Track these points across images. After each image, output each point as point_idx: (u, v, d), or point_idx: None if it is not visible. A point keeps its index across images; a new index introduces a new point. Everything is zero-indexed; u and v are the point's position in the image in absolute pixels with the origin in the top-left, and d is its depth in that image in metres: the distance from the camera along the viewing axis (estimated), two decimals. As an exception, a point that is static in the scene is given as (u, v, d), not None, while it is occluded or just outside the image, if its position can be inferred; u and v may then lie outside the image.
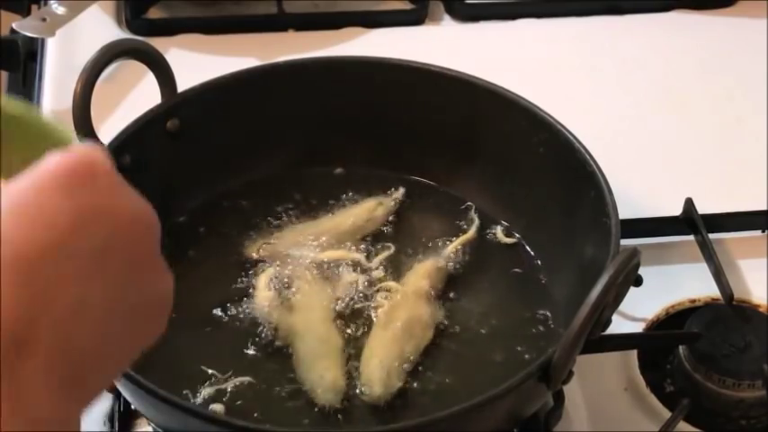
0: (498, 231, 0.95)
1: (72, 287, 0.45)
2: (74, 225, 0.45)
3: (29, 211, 0.44)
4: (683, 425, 0.85)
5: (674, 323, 0.93)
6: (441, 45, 1.20)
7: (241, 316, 0.87)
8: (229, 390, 0.83)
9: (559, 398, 0.83)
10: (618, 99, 1.15)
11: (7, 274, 0.43)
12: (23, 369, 0.43)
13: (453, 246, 0.93)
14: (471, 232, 0.94)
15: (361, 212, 0.95)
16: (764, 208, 1.02)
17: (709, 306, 0.93)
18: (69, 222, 0.45)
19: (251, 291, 0.89)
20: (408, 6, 1.25)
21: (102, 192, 0.47)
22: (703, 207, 0.99)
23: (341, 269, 0.91)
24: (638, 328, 0.93)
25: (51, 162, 0.46)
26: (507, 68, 1.03)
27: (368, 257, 0.92)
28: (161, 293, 0.51)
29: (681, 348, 0.89)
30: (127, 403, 0.85)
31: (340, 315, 0.88)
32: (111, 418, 0.86)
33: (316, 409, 0.82)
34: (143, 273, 0.49)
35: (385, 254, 0.92)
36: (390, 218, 0.96)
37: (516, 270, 0.93)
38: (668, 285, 0.96)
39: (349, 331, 0.87)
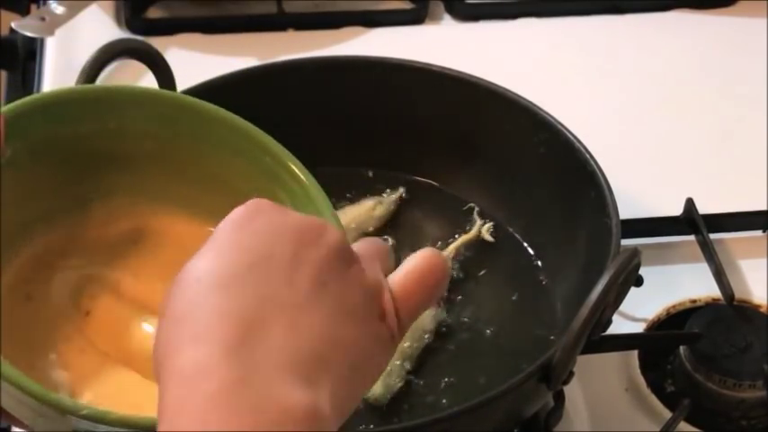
0: (483, 230, 0.94)
1: (280, 285, 0.51)
2: (259, 246, 0.52)
3: (220, 254, 0.51)
4: (683, 425, 0.85)
5: (674, 323, 0.93)
6: (441, 45, 1.20)
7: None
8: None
9: (560, 398, 0.83)
10: (618, 99, 1.15)
11: (219, 294, 0.50)
12: (254, 348, 0.48)
13: (454, 246, 0.93)
14: (472, 233, 0.94)
15: (360, 212, 0.95)
16: (765, 208, 1.02)
17: (709, 306, 0.93)
18: (255, 246, 0.52)
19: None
20: (408, 6, 1.25)
21: (270, 217, 0.53)
22: (704, 207, 0.98)
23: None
24: (638, 328, 0.93)
25: (225, 219, 0.53)
26: (507, 68, 1.03)
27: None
28: (367, 288, 0.54)
29: (681, 349, 0.89)
30: (126, 403, 0.85)
31: (340, 315, 0.88)
32: (110, 419, 0.86)
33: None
34: (337, 265, 0.53)
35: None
36: (390, 218, 0.96)
37: (516, 270, 0.93)
38: (669, 285, 0.96)
39: (349, 331, 0.87)
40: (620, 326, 0.90)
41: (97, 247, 0.69)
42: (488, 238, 0.94)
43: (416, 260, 0.57)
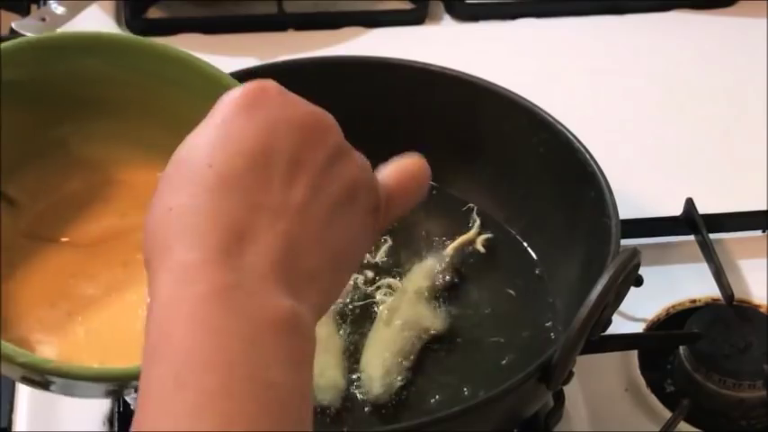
0: (478, 241, 0.94)
1: (278, 188, 0.51)
2: (262, 140, 0.51)
3: (222, 141, 0.51)
4: (683, 425, 0.85)
5: (674, 323, 0.93)
6: (441, 45, 1.20)
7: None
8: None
9: (560, 398, 0.83)
10: (618, 99, 1.15)
11: (216, 193, 0.50)
12: (245, 256, 0.49)
13: (454, 246, 0.93)
14: (472, 232, 0.94)
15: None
16: (764, 208, 1.02)
17: (709, 306, 0.93)
18: (258, 140, 0.51)
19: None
20: (408, 6, 1.25)
21: (277, 106, 0.52)
22: (703, 207, 0.99)
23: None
24: (638, 328, 0.93)
25: (227, 96, 0.52)
26: (507, 68, 1.03)
27: (369, 252, 0.92)
28: (361, 182, 0.55)
29: (681, 349, 0.89)
30: (126, 403, 0.85)
31: (340, 313, 0.88)
32: (110, 419, 0.86)
33: (316, 409, 0.82)
34: (337, 164, 0.53)
35: (384, 247, 0.92)
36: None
37: (516, 270, 0.93)
38: (669, 285, 0.96)
39: (349, 330, 0.87)
40: (620, 326, 0.90)
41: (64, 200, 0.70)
42: (481, 248, 0.93)
43: (408, 163, 0.59)
